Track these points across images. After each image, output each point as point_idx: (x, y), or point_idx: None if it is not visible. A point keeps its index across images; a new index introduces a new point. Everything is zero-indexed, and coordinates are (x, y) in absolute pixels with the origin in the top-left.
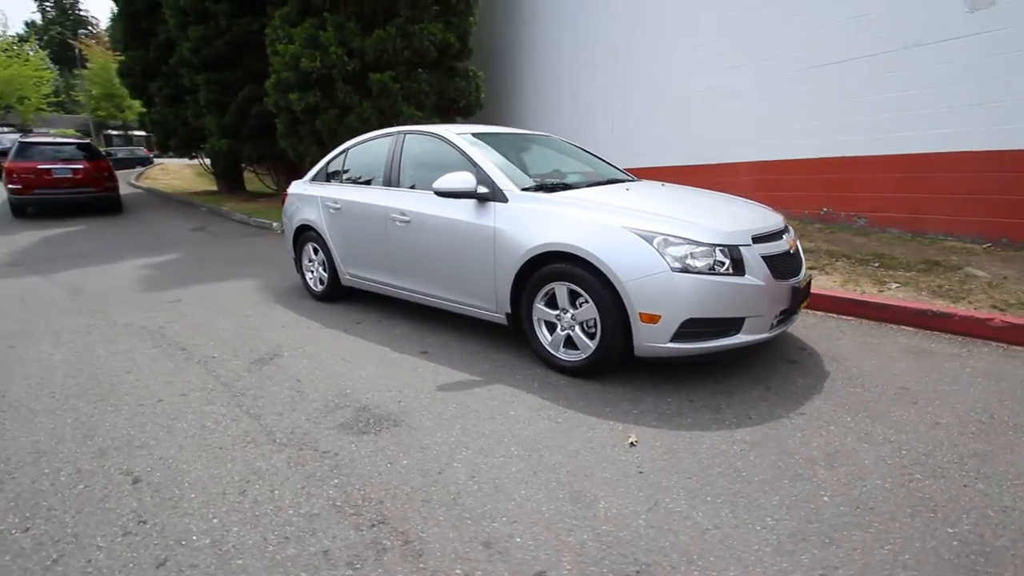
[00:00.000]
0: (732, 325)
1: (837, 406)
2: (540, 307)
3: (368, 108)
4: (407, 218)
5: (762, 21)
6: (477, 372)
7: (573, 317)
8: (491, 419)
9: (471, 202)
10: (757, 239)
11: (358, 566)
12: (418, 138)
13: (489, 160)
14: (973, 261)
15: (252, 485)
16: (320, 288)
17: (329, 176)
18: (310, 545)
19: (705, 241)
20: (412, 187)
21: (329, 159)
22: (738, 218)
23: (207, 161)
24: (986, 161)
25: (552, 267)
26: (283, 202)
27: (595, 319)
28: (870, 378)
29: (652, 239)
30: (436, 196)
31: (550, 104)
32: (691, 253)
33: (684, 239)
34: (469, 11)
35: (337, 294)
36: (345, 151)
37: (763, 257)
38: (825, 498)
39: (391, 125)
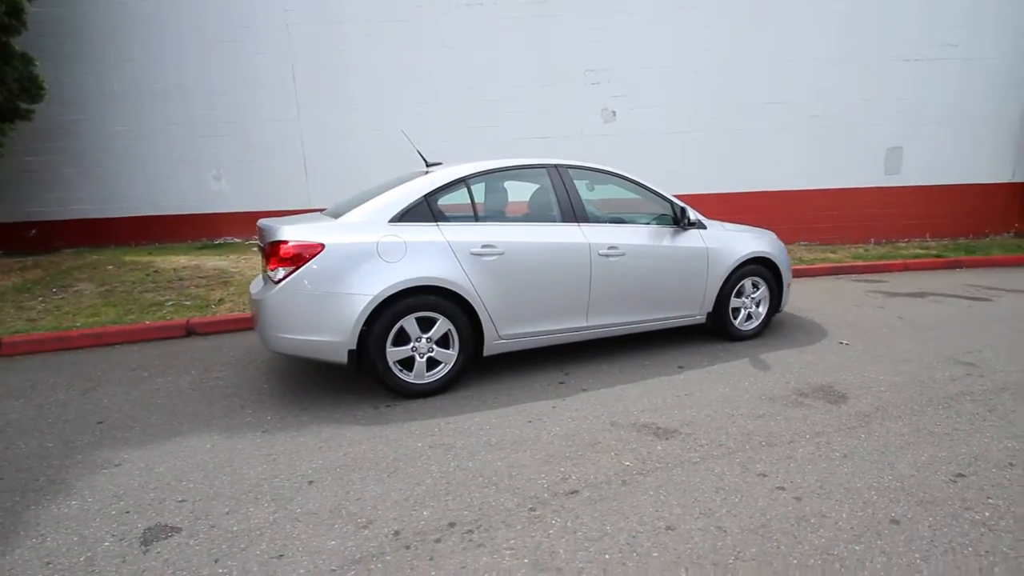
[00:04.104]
0: None
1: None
2: (735, 299)
3: None
4: (621, 251)
5: (490, 97)
6: (756, 362)
7: (753, 299)
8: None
9: (671, 229)
10: None
11: None
12: (584, 173)
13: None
14: None
15: None
16: (430, 378)
17: (439, 215)
18: None
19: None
20: (605, 221)
21: (432, 190)
22: None
23: None
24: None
25: (746, 268)
26: (292, 261)
27: (765, 296)
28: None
29: (776, 238)
30: (638, 227)
31: (173, 123)
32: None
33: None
34: None
35: (458, 376)
36: (463, 180)
37: None
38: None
39: None
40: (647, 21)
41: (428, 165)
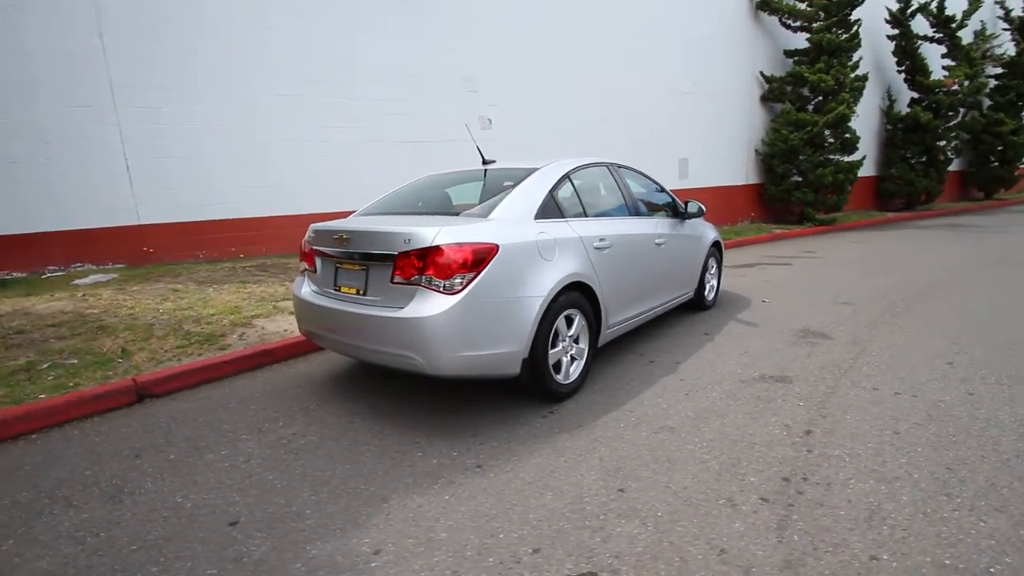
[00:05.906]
0: None
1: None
2: (705, 274)
3: None
4: (664, 240)
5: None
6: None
7: (711, 275)
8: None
9: (678, 220)
10: None
11: None
12: (628, 171)
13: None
14: None
15: None
16: (571, 376)
17: (563, 211)
18: None
19: None
20: (645, 214)
21: (552, 186)
22: None
23: None
24: None
25: (710, 250)
26: (471, 267)
27: (717, 272)
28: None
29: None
30: (663, 219)
31: None
32: None
33: None
34: None
35: (588, 372)
36: (567, 177)
37: None
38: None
39: None
40: (519, 44)
41: (484, 162)
